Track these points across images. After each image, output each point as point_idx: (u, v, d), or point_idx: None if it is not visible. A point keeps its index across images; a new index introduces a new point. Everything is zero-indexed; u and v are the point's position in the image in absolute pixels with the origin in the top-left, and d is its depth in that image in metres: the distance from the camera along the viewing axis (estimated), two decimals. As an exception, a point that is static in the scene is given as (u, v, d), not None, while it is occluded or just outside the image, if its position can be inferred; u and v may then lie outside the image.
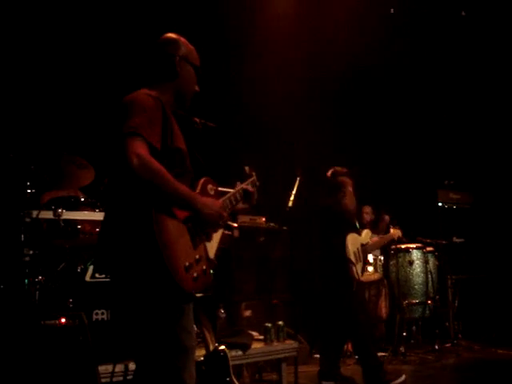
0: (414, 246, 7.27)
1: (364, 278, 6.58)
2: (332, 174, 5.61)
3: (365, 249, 5.58)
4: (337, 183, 5.55)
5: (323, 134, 7.52)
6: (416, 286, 7.17)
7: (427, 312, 7.23)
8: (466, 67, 8.36)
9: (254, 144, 6.96)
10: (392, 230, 6.60)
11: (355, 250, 5.41)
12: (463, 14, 7.90)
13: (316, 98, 7.65)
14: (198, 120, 3.43)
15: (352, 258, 5.33)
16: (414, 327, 7.46)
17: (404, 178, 8.61)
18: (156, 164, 2.42)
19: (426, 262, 7.23)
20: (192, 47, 2.87)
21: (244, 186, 3.09)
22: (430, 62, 8.33)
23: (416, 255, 7.23)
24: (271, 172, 6.77)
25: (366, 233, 5.76)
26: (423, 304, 7.17)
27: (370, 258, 7.08)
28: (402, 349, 6.67)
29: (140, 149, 2.42)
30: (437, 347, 6.86)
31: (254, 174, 3.24)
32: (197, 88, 2.89)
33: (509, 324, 8.03)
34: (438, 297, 7.32)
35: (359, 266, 5.43)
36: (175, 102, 2.81)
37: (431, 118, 8.63)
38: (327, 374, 5.33)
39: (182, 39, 2.85)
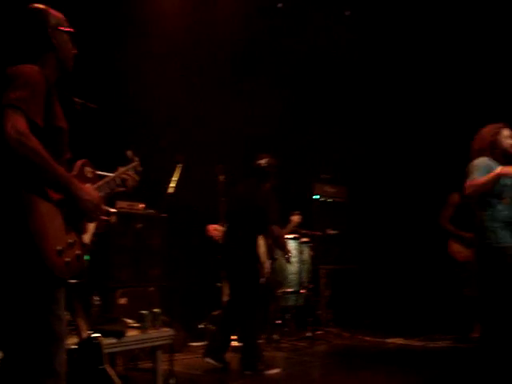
0: (290, 236, 7.45)
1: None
2: (267, 163, 5.61)
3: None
4: (268, 173, 5.58)
5: (208, 122, 7.50)
6: (291, 276, 7.36)
7: (300, 300, 7.44)
8: (334, 62, 8.58)
9: (137, 128, 6.82)
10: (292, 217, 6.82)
11: (265, 248, 5.48)
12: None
13: (202, 83, 7.61)
14: (78, 100, 3.32)
15: (262, 255, 5.40)
16: (287, 315, 7.66)
17: (282, 170, 8.76)
18: (34, 141, 2.31)
19: (301, 252, 7.43)
20: (59, 13, 2.76)
21: (124, 170, 3.05)
22: (312, 54, 8.48)
23: (292, 245, 7.41)
24: (153, 157, 6.65)
25: None
26: (297, 293, 7.38)
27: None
28: (275, 336, 6.82)
29: (19, 123, 2.30)
30: (309, 334, 7.07)
31: (136, 159, 3.20)
32: (75, 50, 2.80)
33: (377, 313, 8.45)
34: (311, 286, 7.55)
35: (267, 264, 5.52)
36: (58, 72, 2.71)
37: (309, 112, 8.83)
38: (215, 352, 5.39)
39: (49, 9, 2.74)
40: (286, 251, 5.61)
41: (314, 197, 8.58)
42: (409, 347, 6.70)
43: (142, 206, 6.19)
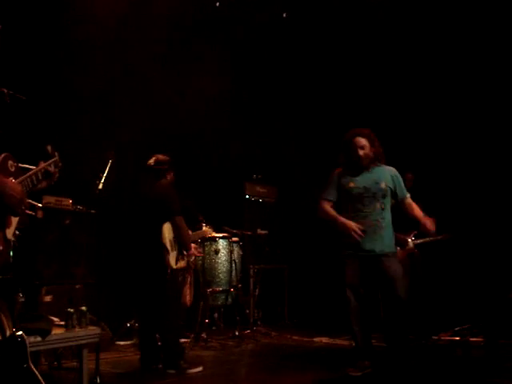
0: (220, 235, 7.45)
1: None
2: (155, 161, 5.57)
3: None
4: (160, 171, 5.53)
5: (139, 119, 7.41)
6: (220, 275, 7.36)
7: (229, 300, 7.46)
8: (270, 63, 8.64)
9: (66, 121, 6.67)
10: (204, 228, 6.80)
11: (171, 238, 5.42)
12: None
13: (136, 79, 7.51)
14: (5, 91, 3.24)
15: (168, 245, 5.34)
16: (216, 314, 7.66)
17: (214, 169, 8.76)
18: None
19: (231, 251, 7.44)
20: None
21: (45, 165, 3.01)
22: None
23: (222, 244, 7.42)
24: (82, 152, 6.53)
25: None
26: (226, 292, 7.38)
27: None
28: (204, 335, 6.81)
29: None
30: (237, 333, 7.10)
31: (56, 154, 3.17)
32: None
33: (305, 312, 8.56)
34: (240, 285, 7.58)
35: (174, 255, 5.45)
36: None
37: (244, 111, 8.86)
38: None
39: None
40: (185, 246, 5.51)
41: (245, 196, 8.61)
42: (335, 346, 6.81)
43: (69, 201, 6.07)
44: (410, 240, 6.67)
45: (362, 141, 5.20)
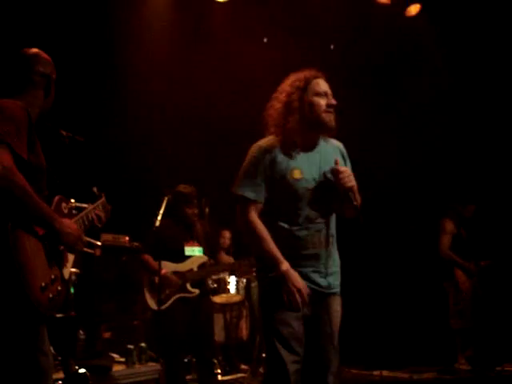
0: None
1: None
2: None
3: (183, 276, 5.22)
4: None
5: (192, 155, 7.51)
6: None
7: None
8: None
9: (123, 160, 6.84)
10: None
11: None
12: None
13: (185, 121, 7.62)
14: (64, 133, 3.33)
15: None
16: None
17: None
18: (20, 176, 2.30)
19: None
20: (48, 58, 2.80)
21: (94, 206, 3.05)
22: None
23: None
24: (138, 190, 6.66)
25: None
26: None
27: (233, 280, 7.11)
28: (261, 370, 6.75)
29: (5, 157, 2.29)
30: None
31: (103, 195, 3.21)
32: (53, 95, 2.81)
33: (362, 345, 8.40)
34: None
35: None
36: (39, 111, 2.71)
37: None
38: None
39: (40, 53, 2.77)
40: None
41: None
42: (395, 379, 6.66)
43: (126, 238, 6.17)
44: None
45: (325, 85, 3.01)
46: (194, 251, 5.28)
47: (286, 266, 2.81)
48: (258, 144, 3.00)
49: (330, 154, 3.02)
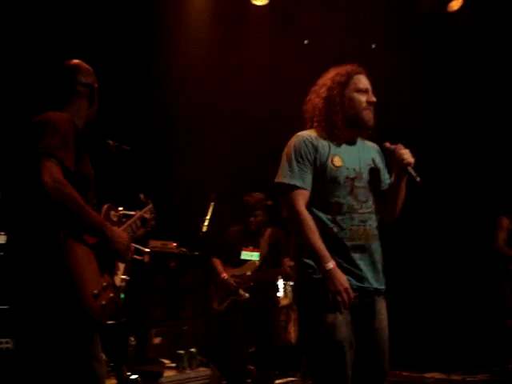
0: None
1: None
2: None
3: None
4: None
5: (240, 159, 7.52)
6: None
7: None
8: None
9: (168, 167, 6.90)
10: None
11: None
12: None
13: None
14: (111, 142, 3.37)
15: None
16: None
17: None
18: (70, 188, 2.35)
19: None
20: (90, 68, 2.84)
21: (142, 213, 3.09)
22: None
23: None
24: (184, 196, 6.71)
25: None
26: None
27: (280, 283, 7.10)
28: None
29: (54, 171, 2.34)
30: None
31: (149, 201, 3.23)
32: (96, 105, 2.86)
33: (413, 347, 8.26)
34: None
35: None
36: (84, 121, 2.76)
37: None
38: None
39: (81, 63, 2.83)
40: None
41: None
42: (448, 381, 6.54)
43: (174, 244, 6.23)
44: None
45: (366, 82, 2.97)
46: (253, 256, 5.40)
47: (332, 263, 2.67)
48: (298, 134, 2.94)
49: (369, 151, 3.01)
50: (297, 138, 2.91)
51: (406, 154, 2.83)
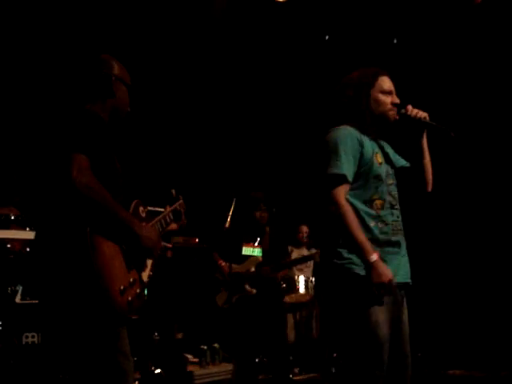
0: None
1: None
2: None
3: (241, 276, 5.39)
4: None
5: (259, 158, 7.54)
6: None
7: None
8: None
9: (190, 164, 6.93)
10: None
11: None
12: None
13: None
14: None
15: None
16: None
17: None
18: (98, 183, 2.36)
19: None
20: (124, 68, 2.84)
21: (172, 208, 3.08)
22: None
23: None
24: (207, 193, 6.73)
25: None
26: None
27: (301, 279, 7.09)
28: (333, 369, 6.70)
29: (83, 166, 2.35)
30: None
31: (180, 197, 3.22)
32: (128, 108, 2.86)
33: (434, 343, 8.21)
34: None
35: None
36: (111, 118, 2.76)
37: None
38: None
39: (115, 60, 2.82)
40: None
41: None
42: (470, 378, 6.50)
43: (196, 240, 6.25)
44: None
45: (390, 84, 3.01)
46: (254, 251, 5.41)
47: (376, 255, 2.68)
48: (340, 127, 2.91)
49: (388, 147, 3.07)
50: (340, 131, 2.88)
51: (420, 111, 2.90)
